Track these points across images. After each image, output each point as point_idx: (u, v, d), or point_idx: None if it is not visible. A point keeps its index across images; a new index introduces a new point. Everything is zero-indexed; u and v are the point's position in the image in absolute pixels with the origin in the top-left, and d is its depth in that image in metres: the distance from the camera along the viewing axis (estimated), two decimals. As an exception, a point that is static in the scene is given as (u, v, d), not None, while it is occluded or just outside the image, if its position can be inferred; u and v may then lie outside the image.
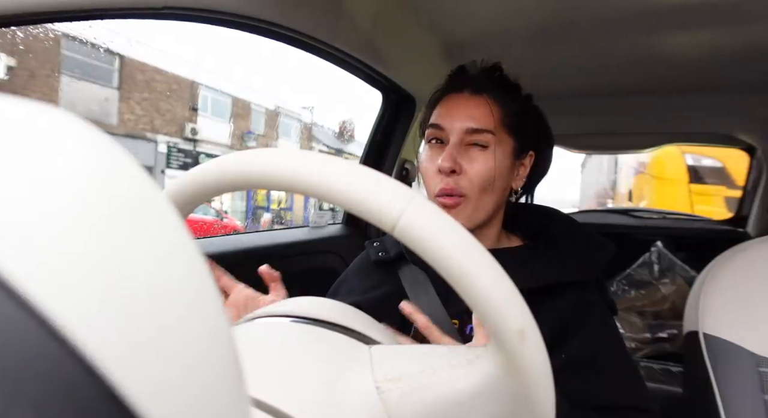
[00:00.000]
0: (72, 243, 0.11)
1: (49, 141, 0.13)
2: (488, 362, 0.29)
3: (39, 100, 0.14)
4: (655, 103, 1.40)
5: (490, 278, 0.25)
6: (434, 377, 0.30)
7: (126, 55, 8.10)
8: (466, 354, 0.31)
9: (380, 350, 0.34)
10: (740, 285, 0.74)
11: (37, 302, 0.10)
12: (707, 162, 3.96)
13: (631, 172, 5.16)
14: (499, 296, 0.25)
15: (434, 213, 0.26)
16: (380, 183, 0.26)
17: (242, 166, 0.29)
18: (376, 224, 0.26)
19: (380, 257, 0.73)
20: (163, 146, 8.84)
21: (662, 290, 1.60)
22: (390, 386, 0.31)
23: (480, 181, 0.64)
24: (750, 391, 0.66)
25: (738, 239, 0.87)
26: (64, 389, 0.10)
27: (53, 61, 6.77)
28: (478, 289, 0.25)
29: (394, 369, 0.32)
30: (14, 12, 0.45)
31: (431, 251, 0.25)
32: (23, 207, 0.11)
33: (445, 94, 0.70)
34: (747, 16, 0.86)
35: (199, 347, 0.13)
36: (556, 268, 0.63)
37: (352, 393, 0.30)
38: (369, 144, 1.31)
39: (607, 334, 0.63)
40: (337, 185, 0.26)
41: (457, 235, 0.25)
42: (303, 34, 0.84)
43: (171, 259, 0.13)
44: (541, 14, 0.90)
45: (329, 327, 0.36)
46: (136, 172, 0.14)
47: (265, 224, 8.66)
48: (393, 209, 0.25)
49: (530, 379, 0.27)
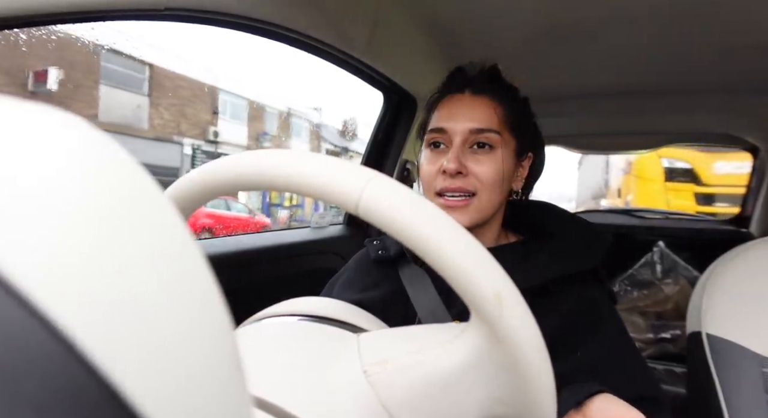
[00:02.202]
0: (74, 244, 0.11)
1: (51, 141, 0.13)
2: (473, 335, 0.29)
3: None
4: (658, 104, 1.40)
5: (460, 246, 0.25)
6: (420, 355, 0.30)
7: (155, 63, 8.79)
8: (451, 330, 0.31)
9: (367, 336, 0.35)
10: (743, 285, 0.74)
11: (39, 303, 0.10)
12: (679, 164, 5.01)
13: (620, 173, 6.38)
14: (469, 262, 0.25)
15: (395, 188, 0.26)
16: (339, 167, 0.27)
17: (226, 170, 0.31)
18: (342, 206, 0.26)
19: (380, 255, 0.72)
20: (188, 148, 9.45)
21: (665, 290, 1.59)
22: (377, 369, 0.31)
23: (489, 181, 0.63)
24: (753, 391, 0.66)
25: (741, 239, 0.87)
26: (66, 389, 0.10)
27: (95, 73, 7.39)
28: (448, 258, 0.24)
29: (380, 352, 0.32)
30: (16, 14, 0.45)
31: (396, 225, 0.25)
32: (25, 207, 0.11)
33: (444, 96, 0.69)
34: (748, 16, 0.86)
35: (202, 347, 0.13)
36: (555, 261, 0.63)
37: (341, 381, 0.31)
38: (370, 144, 1.31)
39: (618, 329, 0.63)
40: (299, 176, 0.27)
41: (421, 207, 0.25)
42: (303, 35, 0.84)
43: (173, 259, 0.13)
44: (541, 15, 0.90)
45: (319, 321, 0.37)
46: (138, 173, 0.14)
47: (282, 221, 8.84)
48: (354, 188, 0.25)
49: (516, 345, 0.26)
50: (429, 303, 0.63)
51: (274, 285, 1.02)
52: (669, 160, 5.05)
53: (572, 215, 0.73)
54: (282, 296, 0.44)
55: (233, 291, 0.31)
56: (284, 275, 1.08)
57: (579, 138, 1.83)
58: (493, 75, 0.69)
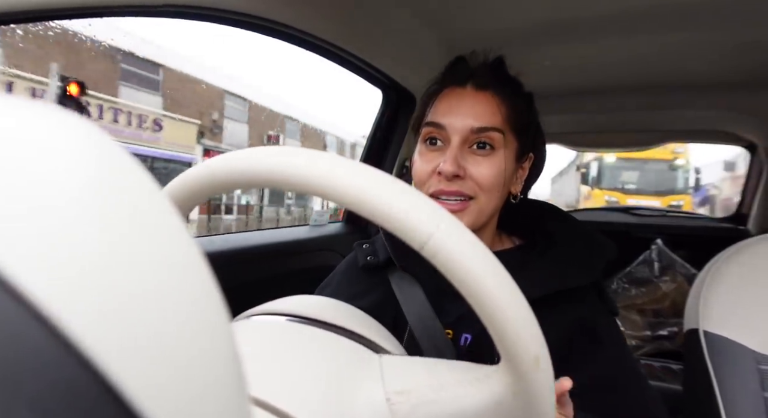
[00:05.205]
0: (71, 241, 0.11)
1: (50, 141, 0.13)
2: (497, 383, 0.29)
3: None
4: (655, 101, 1.40)
5: (513, 305, 0.26)
6: (442, 392, 0.31)
7: (207, 81, 11.11)
8: (475, 372, 0.32)
9: (391, 361, 0.34)
10: (740, 283, 0.74)
11: (37, 301, 0.10)
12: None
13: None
14: (520, 322, 0.26)
15: (463, 236, 0.26)
16: (414, 200, 0.26)
17: (254, 164, 0.28)
18: (404, 239, 0.26)
19: (369, 261, 0.68)
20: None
21: (663, 287, 1.60)
22: (400, 399, 0.31)
23: (489, 186, 0.59)
24: (750, 389, 0.66)
25: (738, 237, 0.87)
26: (64, 388, 0.10)
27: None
28: (500, 314, 0.25)
29: (404, 382, 0.32)
30: (13, 9, 0.45)
31: (457, 274, 0.25)
32: (22, 206, 0.11)
33: (444, 88, 0.63)
34: (747, 14, 0.86)
35: (200, 345, 0.13)
36: (554, 273, 0.60)
37: (362, 403, 0.31)
38: (369, 142, 1.31)
39: (619, 347, 0.60)
40: (372, 198, 0.26)
41: (484, 260, 0.26)
42: (303, 32, 0.84)
43: (171, 257, 0.13)
44: (542, 11, 0.90)
45: (340, 332, 0.36)
46: (136, 170, 0.14)
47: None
48: (424, 229, 0.25)
49: (538, 405, 0.27)
50: (419, 311, 0.60)
51: (273, 283, 1.02)
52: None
53: (576, 220, 0.68)
54: (282, 294, 0.44)
55: (232, 289, 0.31)
56: (284, 272, 1.08)
57: (576, 136, 1.83)
58: (497, 68, 0.64)
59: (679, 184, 9.24)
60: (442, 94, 0.63)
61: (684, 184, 9.26)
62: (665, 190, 9.08)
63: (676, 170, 9.32)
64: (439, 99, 0.63)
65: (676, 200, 8.72)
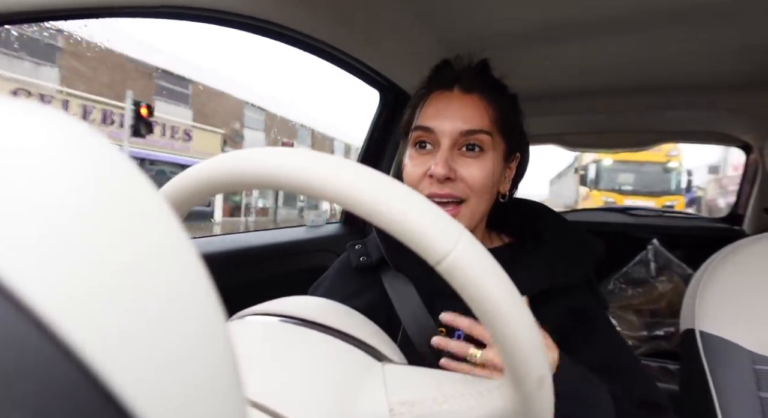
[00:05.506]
0: (67, 243, 0.11)
1: (45, 141, 0.13)
2: (500, 398, 0.30)
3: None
4: (651, 102, 1.41)
5: (526, 329, 0.26)
6: (446, 405, 0.31)
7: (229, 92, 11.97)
8: (478, 385, 0.32)
9: (394, 370, 0.34)
10: (736, 283, 0.75)
11: (32, 304, 0.10)
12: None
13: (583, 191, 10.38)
14: (528, 344, 0.26)
15: (482, 258, 0.26)
16: (433, 214, 0.26)
17: (258, 165, 0.28)
18: (418, 252, 0.26)
19: (361, 262, 0.68)
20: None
21: (659, 287, 1.60)
22: (403, 411, 0.31)
23: (479, 187, 0.60)
24: (746, 388, 0.66)
25: (734, 237, 0.87)
26: (61, 390, 0.10)
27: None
28: (513, 339, 0.26)
29: (408, 393, 0.32)
30: (13, 10, 0.45)
31: (474, 295, 0.26)
32: (19, 209, 0.11)
33: (431, 92, 0.65)
34: (742, 16, 0.86)
35: (196, 347, 0.13)
36: (543, 272, 0.61)
37: (364, 412, 0.31)
38: (366, 143, 1.31)
39: (612, 333, 0.62)
40: (389, 210, 0.25)
41: (501, 284, 0.26)
42: (300, 33, 0.84)
43: (167, 259, 0.13)
44: (539, 13, 0.90)
45: (340, 336, 0.36)
46: (132, 171, 0.14)
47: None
48: (443, 246, 0.25)
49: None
50: (413, 310, 0.61)
51: (270, 283, 1.02)
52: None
53: (566, 220, 0.70)
54: (279, 295, 0.44)
55: (229, 289, 0.30)
56: (281, 273, 1.08)
57: (573, 136, 1.83)
58: (482, 70, 0.65)
59: (672, 185, 9.67)
60: (430, 98, 0.64)
61: (677, 186, 9.69)
62: (659, 191, 9.50)
63: (669, 172, 9.74)
64: (427, 103, 0.64)
65: (669, 201, 9.15)
